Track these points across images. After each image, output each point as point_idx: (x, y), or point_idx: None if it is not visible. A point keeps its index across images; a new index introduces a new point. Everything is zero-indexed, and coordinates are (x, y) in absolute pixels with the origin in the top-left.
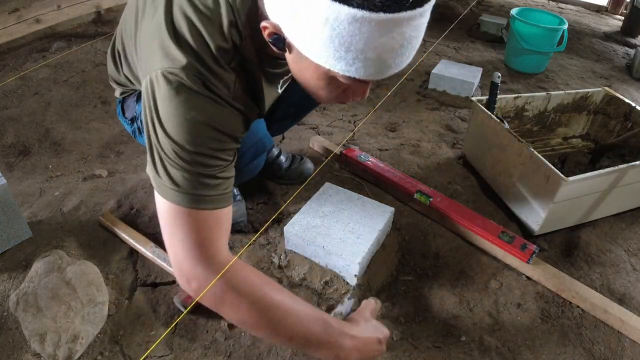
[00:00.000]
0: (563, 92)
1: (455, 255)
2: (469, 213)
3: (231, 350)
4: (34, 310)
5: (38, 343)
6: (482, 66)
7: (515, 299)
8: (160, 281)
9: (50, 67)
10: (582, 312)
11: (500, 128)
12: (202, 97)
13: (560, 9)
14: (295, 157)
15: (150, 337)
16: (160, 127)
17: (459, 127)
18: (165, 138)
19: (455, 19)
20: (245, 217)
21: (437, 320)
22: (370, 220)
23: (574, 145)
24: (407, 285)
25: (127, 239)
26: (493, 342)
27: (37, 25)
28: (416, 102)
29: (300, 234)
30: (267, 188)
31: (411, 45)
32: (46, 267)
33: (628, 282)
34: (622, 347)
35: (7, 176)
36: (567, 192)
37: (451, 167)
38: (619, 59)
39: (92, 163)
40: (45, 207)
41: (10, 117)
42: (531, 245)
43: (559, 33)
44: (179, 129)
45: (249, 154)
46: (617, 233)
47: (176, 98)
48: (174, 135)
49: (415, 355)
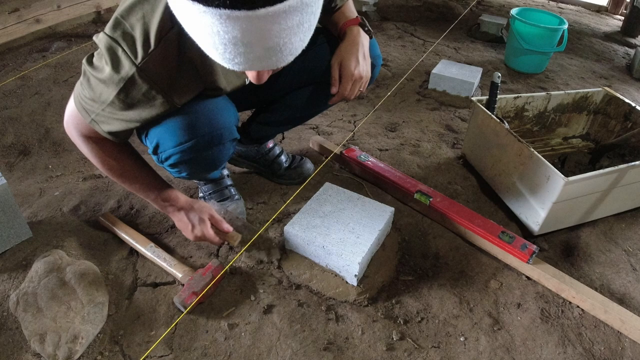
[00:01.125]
0: (563, 92)
1: (455, 255)
2: (469, 213)
3: (231, 350)
4: (34, 310)
5: (38, 343)
6: (482, 66)
7: (515, 299)
8: (160, 281)
9: (50, 67)
10: (582, 312)
11: (500, 128)
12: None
13: (560, 9)
14: (295, 157)
15: (150, 337)
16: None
17: (459, 127)
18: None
19: (455, 19)
20: (245, 217)
21: (437, 320)
22: (370, 220)
23: (574, 145)
24: (407, 285)
25: (127, 239)
26: (493, 342)
27: (37, 25)
28: (416, 102)
29: (300, 234)
30: (267, 188)
31: (253, 49)
32: (46, 267)
33: (628, 282)
34: (622, 347)
35: (7, 176)
36: (567, 192)
37: (451, 167)
38: (619, 59)
39: (92, 163)
40: (45, 207)
41: (10, 117)
42: (531, 245)
43: (559, 33)
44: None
45: (201, 142)
46: (617, 233)
47: (91, 59)
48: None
49: (415, 355)
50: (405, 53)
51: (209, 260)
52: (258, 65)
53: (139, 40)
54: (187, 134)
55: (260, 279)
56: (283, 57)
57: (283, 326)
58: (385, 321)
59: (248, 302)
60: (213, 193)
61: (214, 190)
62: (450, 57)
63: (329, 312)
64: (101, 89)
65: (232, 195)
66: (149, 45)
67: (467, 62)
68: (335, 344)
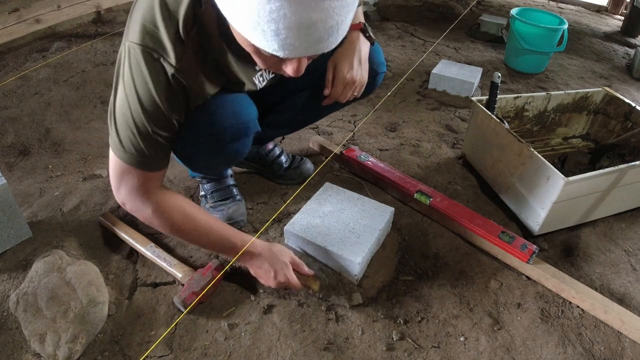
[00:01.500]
0: (563, 92)
1: (455, 255)
2: (469, 213)
3: (231, 350)
4: (34, 310)
5: (38, 343)
6: (482, 66)
7: (515, 299)
8: (160, 281)
9: (50, 67)
10: (582, 312)
11: (500, 128)
12: (145, 73)
13: (560, 9)
14: (295, 158)
15: (150, 337)
16: (115, 94)
17: (459, 127)
18: (118, 102)
19: (455, 19)
20: (245, 217)
21: (437, 320)
22: (370, 220)
23: (574, 145)
24: (407, 285)
25: (127, 239)
26: (493, 342)
27: (37, 25)
28: (416, 102)
29: (300, 234)
30: (267, 188)
31: (317, 29)
32: (46, 267)
33: (628, 282)
34: (622, 347)
35: (7, 176)
36: (567, 192)
37: (451, 167)
38: (619, 59)
39: (92, 163)
40: (45, 207)
41: (10, 117)
42: (531, 245)
43: (559, 33)
44: (125, 99)
45: (227, 134)
46: (617, 233)
47: (130, 73)
48: (121, 104)
49: (415, 355)
50: (405, 53)
51: (209, 260)
52: (314, 48)
53: (170, 41)
54: (214, 127)
55: None
56: (337, 37)
57: (283, 326)
58: (385, 321)
59: (248, 302)
60: (215, 192)
61: (216, 189)
62: (450, 57)
63: (329, 312)
64: (145, 100)
65: (234, 196)
66: (179, 45)
67: (467, 62)
68: (335, 344)
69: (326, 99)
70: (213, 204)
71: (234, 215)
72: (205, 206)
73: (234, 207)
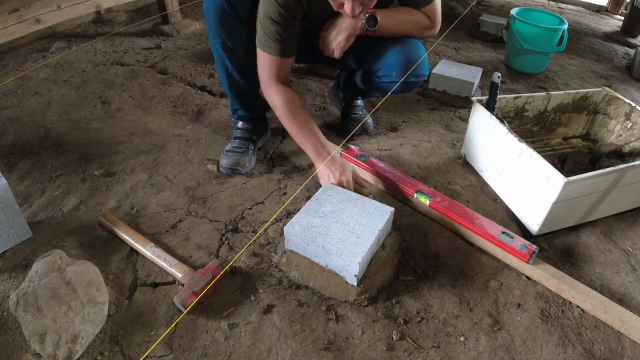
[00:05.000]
0: (563, 92)
1: (455, 255)
2: (469, 213)
3: (231, 350)
4: (34, 310)
5: (38, 343)
6: (482, 66)
7: (515, 299)
8: (160, 281)
9: (50, 67)
10: (582, 312)
11: (500, 128)
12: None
13: (560, 9)
14: (368, 125)
15: (150, 337)
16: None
17: (459, 127)
18: (260, 7)
19: (455, 19)
20: (248, 169)
21: (437, 320)
22: (370, 220)
23: (574, 145)
24: (407, 285)
25: (127, 239)
26: (493, 342)
27: (37, 25)
28: (416, 102)
29: (300, 234)
30: (267, 188)
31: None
32: (46, 267)
33: (628, 282)
34: (622, 347)
35: (7, 176)
36: (567, 192)
37: (451, 167)
38: (619, 59)
39: (92, 163)
40: (45, 207)
41: (10, 117)
42: (531, 245)
43: (559, 33)
44: (263, 4)
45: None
46: (617, 233)
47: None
48: (262, 8)
49: (415, 355)
50: None
51: (209, 260)
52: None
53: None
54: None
55: (260, 279)
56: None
57: (283, 326)
58: (385, 321)
59: (248, 302)
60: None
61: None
62: (450, 57)
63: (329, 312)
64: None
65: (247, 151)
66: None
67: (467, 62)
68: (335, 344)
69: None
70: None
71: (241, 164)
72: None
73: (246, 158)
